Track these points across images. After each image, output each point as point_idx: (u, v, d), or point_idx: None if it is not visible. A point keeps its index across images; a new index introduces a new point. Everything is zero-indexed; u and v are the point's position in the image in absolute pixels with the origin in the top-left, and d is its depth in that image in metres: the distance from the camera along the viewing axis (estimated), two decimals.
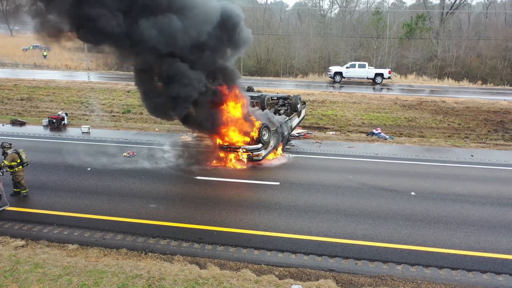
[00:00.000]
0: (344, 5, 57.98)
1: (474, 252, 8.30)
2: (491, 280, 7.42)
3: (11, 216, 9.73)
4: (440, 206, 10.52)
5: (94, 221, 9.47)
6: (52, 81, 30.63)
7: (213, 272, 7.51)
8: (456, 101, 25.48)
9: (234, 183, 12.12)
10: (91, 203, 10.42)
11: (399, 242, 8.65)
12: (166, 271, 7.47)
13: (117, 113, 23.82)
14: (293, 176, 12.71)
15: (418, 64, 44.21)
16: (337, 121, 22.30)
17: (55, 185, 11.61)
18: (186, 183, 11.97)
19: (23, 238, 8.68)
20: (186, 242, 8.61)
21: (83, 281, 7.13)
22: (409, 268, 7.75)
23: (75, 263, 7.68)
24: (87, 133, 18.06)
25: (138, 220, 9.51)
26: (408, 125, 21.86)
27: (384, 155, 15.36)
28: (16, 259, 7.78)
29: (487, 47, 44.30)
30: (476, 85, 37.69)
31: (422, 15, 46.61)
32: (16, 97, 26.53)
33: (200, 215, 9.79)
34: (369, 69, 34.52)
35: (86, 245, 8.45)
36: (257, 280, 7.28)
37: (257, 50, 46.82)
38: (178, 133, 17.78)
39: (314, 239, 8.72)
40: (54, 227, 9.18)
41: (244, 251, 8.30)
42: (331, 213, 9.97)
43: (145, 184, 11.81)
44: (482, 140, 19.34)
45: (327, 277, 7.43)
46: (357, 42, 49.22)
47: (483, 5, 58.81)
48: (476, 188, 11.82)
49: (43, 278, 7.21)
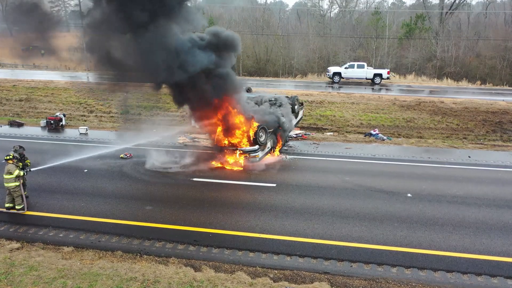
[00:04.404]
0: (343, 5, 57.95)
1: (469, 254, 8.29)
2: (486, 283, 7.42)
3: (6, 218, 9.74)
4: (436, 208, 10.52)
5: (89, 223, 9.47)
6: (51, 82, 30.65)
7: (207, 274, 7.51)
8: (454, 102, 25.49)
9: (231, 185, 12.12)
10: (87, 205, 10.42)
11: (395, 244, 8.64)
12: (161, 274, 7.47)
13: (115, 113, 23.82)
14: (289, 178, 12.71)
15: (417, 64, 44.21)
16: (335, 122, 22.30)
17: (51, 186, 11.62)
18: (182, 185, 11.98)
19: (18, 240, 8.67)
20: (181, 244, 8.61)
21: (77, 283, 7.14)
22: (404, 271, 7.75)
23: (70, 266, 7.69)
24: (85, 134, 18.07)
25: (134, 222, 9.51)
26: (406, 125, 21.86)
27: (381, 156, 15.36)
28: (11, 262, 7.78)
29: (486, 47, 44.31)
30: (475, 85, 37.70)
31: (422, 15, 46.63)
32: (14, 97, 26.55)
33: (195, 217, 9.79)
34: (368, 69, 34.52)
35: (81, 247, 8.45)
36: (252, 282, 7.28)
37: (256, 50, 46.83)
38: (176, 135, 17.77)
39: (309, 241, 8.72)
40: (50, 229, 9.19)
41: (239, 253, 8.30)
42: (327, 215, 9.97)
43: (141, 186, 11.81)
44: (480, 140, 19.33)
45: (321, 280, 7.43)
46: (357, 42, 49.22)
47: (482, 5, 58.78)
48: (473, 190, 11.82)
49: (37, 281, 7.22)
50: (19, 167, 10.02)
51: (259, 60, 46.80)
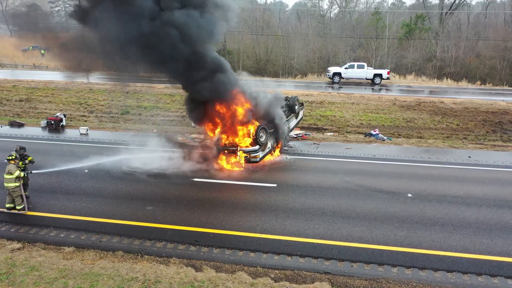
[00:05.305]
0: (343, 5, 57.96)
1: (469, 254, 8.30)
2: (486, 283, 7.43)
3: (7, 219, 9.75)
4: (436, 208, 10.53)
5: (90, 223, 9.49)
6: (51, 82, 30.63)
7: (208, 274, 7.52)
8: (454, 102, 25.50)
9: (231, 185, 12.13)
10: (88, 205, 10.44)
11: (395, 244, 8.66)
12: (162, 274, 7.49)
13: (115, 114, 23.84)
14: (290, 178, 12.73)
15: (417, 64, 44.22)
16: (335, 122, 22.31)
17: (52, 187, 11.63)
18: (183, 185, 11.99)
19: (19, 240, 8.69)
20: (182, 244, 8.62)
21: (79, 284, 7.15)
22: (404, 271, 7.76)
23: (71, 266, 7.70)
24: (85, 135, 18.09)
25: (135, 223, 9.52)
26: (406, 126, 21.87)
27: (381, 156, 15.38)
28: (12, 262, 7.80)
29: (486, 47, 44.32)
30: (475, 85, 37.72)
31: (422, 15, 46.65)
32: (14, 98, 26.56)
33: (196, 217, 9.81)
34: (368, 69, 34.53)
35: (82, 247, 8.47)
36: (253, 282, 7.29)
37: (256, 51, 46.86)
38: (176, 135, 17.77)
39: (310, 242, 8.73)
40: (51, 229, 9.20)
41: (240, 253, 8.31)
42: (328, 215, 9.98)
43: (142, 186, 11.82)
44: (480, 141, 19.35)
45: (322, 280, 7.45)
46: (356, 42, 49.23)
47: (482, 5, 58.81)
48: (473, 190, 11.84)
49: (39, 281, 7.23)
50: (20, 167, 10.04)
51: (259, 60, 46.81)
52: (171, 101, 25.58)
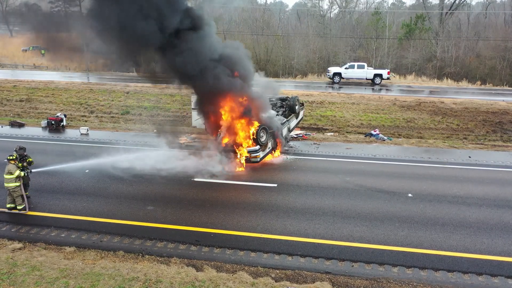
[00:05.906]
0: (343, 6, 58.00)
1: (470, 254, 8.31)
2: (487, 282, 7.44)
3: (8, 219, 9.76)
4: (437, 208, 10.54)
5: (91, 223, 9.49)
6: (51, 82, 30.65)
7: (209, 274, 7.53)
8: (454, 102, 25.50)
9: (232, 185, 12.14)
10: (89, 205, 10.45)
11: (396, 244, 8.67)
12: (163, 274, 7.49)
13: (116, 114, 23.85)
14: (290, 178, 12.74)
15: (417, 64, 44.25)
16: (335, 122, 22.33)
17: (52, 187, 11.64)
18: (184, 185, 12.00)
19: (20, 240, 8.70)
20: (183, 244, 8.63)
21: (79, 283, 7.16)
22: (405, 270, 7.77)
23: (72, 266, 7.71)
24: (86, 135, 18.10)
25: (136, 223, 9.53)
26: (406, 126, 21.89)
27: (381, 156, 15.39)
28: (13, 262, 7.80)
29: (486, 48, 44.34)
30: (475, 85, 37.73)
31: (422, 15, 46.68)
32: (15, 98, 26.58)
33: (197, 217, 9.82)
34: (368, 69, 34.55)
35: (83, 247, 8.47)
36: (254, 282, 7.30)
37: (256, 51, 46.85)
38: (177, 135, 17.77)
39: (310, 241, 8.74)
40: (52, 229, 9.21)
41: (241, 253, 8.32)
42: (328, 215, 9.99)
43: (143, 186, 11.83)
44: (480, 141, 19.37)
45: (323, 280, 7.45)
46: (357, 42, 49.27)
47: (482, 5, 58.85)
48: (473, 190, 11.85)
49: (40, 281, 7.23)
50: (20, 167, 10.05)
51: (259, 61, 46.79)
52: (171, 101, 25.60)
